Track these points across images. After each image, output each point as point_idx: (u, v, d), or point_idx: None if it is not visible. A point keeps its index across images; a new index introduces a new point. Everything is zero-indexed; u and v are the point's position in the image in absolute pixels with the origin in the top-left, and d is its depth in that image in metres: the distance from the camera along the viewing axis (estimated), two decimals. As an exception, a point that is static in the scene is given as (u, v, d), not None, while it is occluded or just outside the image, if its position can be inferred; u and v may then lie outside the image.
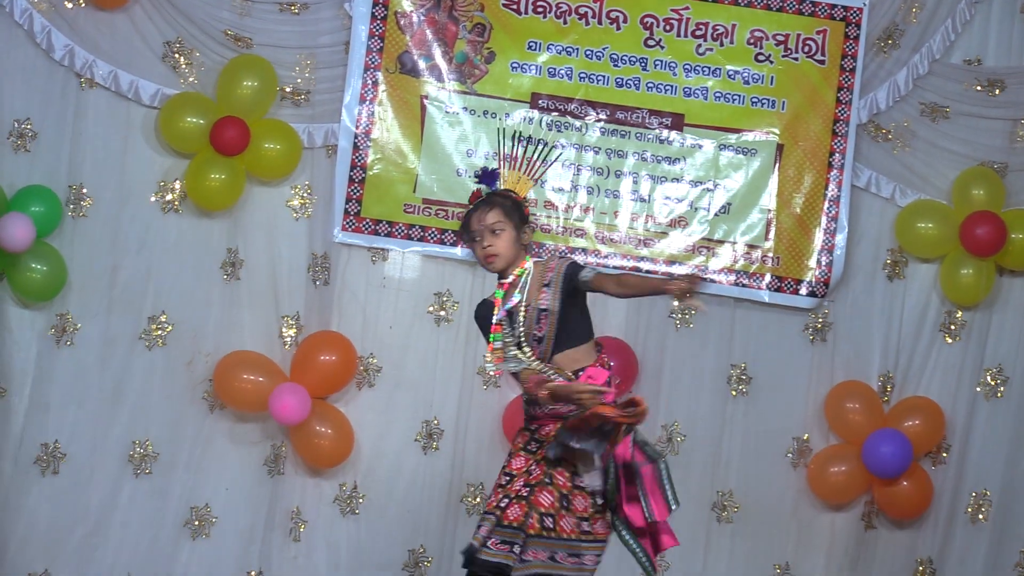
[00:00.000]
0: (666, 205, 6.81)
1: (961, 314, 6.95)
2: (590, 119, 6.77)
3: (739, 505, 6.86)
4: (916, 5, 6.90)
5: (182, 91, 6.57)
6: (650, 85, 6.78)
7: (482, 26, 6.72)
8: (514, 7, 6.73)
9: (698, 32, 6.79)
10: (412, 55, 6.70)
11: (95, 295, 6.59)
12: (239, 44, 6.63)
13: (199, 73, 6.61)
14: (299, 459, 6.66)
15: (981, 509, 6.88)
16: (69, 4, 6.51)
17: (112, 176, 6.60)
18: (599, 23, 6.76)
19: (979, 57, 6.99)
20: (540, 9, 6.74)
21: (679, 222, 6.81)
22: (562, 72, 6.75)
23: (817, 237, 6.83)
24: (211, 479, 6.67)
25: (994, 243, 6.71)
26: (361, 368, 6.70)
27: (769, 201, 6.83)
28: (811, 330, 6.91)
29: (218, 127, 6.44)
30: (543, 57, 6.74)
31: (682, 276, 4.27)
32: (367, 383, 6.73)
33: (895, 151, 6.93)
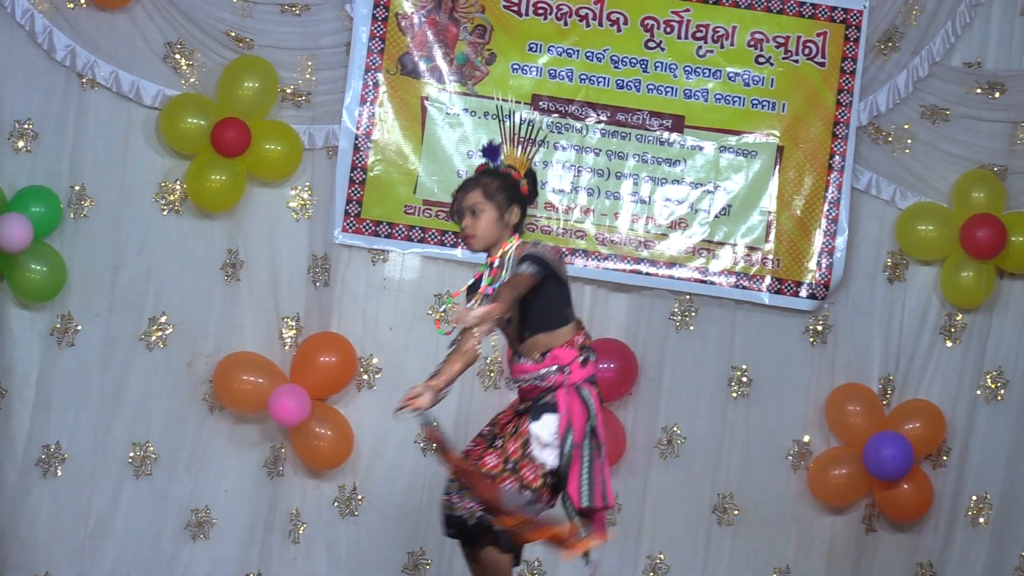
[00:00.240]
0: (666, 207, 6.81)
1: (961, 317, 6.94)
2: (590, 121, 6.77)
3: (739, 507, 6.85)
4: (916, 8, 6.90)
5: (183, 92, 6.58)
6: (650, 87, 6.79)
7: (483, 27, 6.73)
8: (515, 9, 6.74)
9: (699, 34, 6.80)
10: (413, 56, 6.71)
11: (96, 296, 6.59)
12: (240, 45, 6.63)
13: (200, 74, 6.62)
14: (299, 460, 6.65)
15: (981, 512, 6.86)
16: (70, 4, 6.52)
17: (113, 177, 6.61)
18: (600, 25, 6.77)
19: (979, 59, 6.99)
20: (541, 11, 6.75)
21: (679, 224, 6.81)
22: (563, 74, 6.76)
23: (817, 239, 6.83)
24: (211, 481, 6.67)
25: (994, 246, 6.71)
26: (361, 369, 6.70)
27: (769, 203, 6.83)
28: (811, 332, 6.90)
29: (219, 128, 6.45)
30: (544, 59, 6.75)
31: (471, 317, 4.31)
32: (367, 384, 6.73)
33: (895, 153, 6.93)
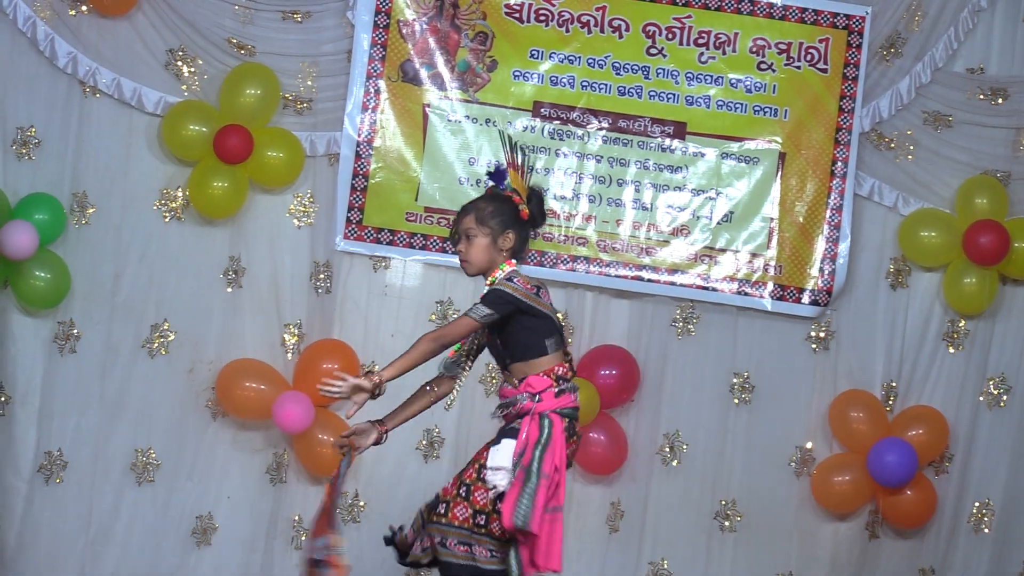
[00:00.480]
0: (668, 213, 6.80)
1: (964, 323, 6.93)
2: (592, 127, 6.76)
3: (742, 514, 6.85)
4: (919, 13, 6.89)
5: (185, 99, 6.58)
6: (652, 93, 6.78)
7: (484, 34, 6.73)
8: (516, 15, 6.74)
9: (700, 40, 6.79)
10: (414, 63, 6.70)
11: (98, 303, 6.59)
12: (242, 52, 6.64)
13: (202, 81, 6.62)
14: (301, 467, 6.65)
15: (984, 518, 6.85)
16: (72, 12, 6.52)
17: (115, 184, 6.61)
18: (601, 31, 6.76)
19: (982, 65, 6.98)
20: (542, 17, 6.75)
21: (681, 231, 6.80)
22: (564, 80, 6.75)
23: (819, 246, 6.82)
24: (213, 487, 6.68)
25: (997, 252, 6.70)
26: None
27: (771, 210, 6.82)
28: (814, 339, 6.90)
29: (221, 135, 6.45)
30: (545, 65, 6.75)
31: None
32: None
33: (898, 160, 6.92)
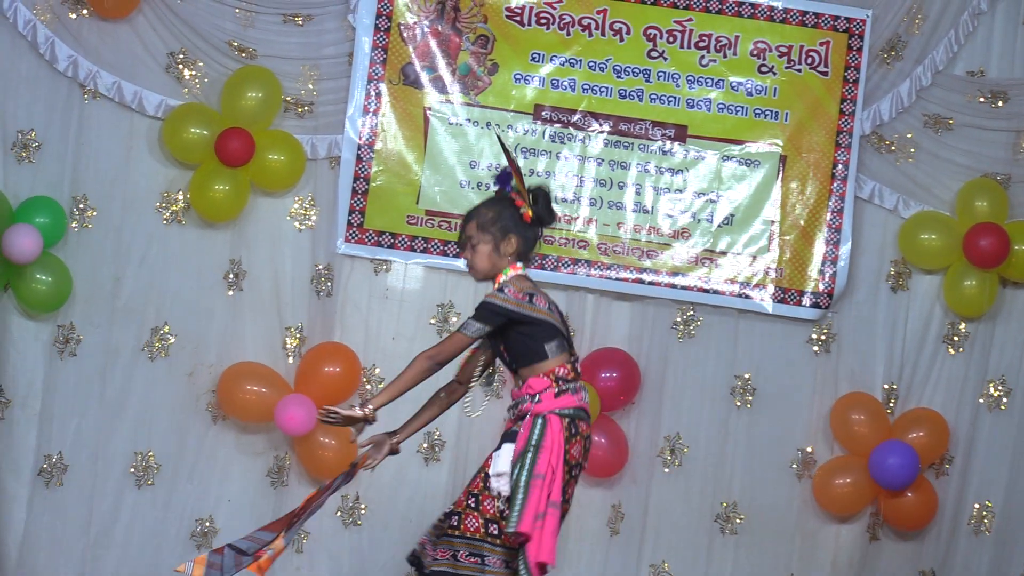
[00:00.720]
0: (669, 216, 6.80)
1: (964, 326, 6.94)
2: (593, 130, 6.77)
3: (743, 516, 6.85)
4: (919, 16, 6.90)
5: (186, 102, 6.57)
6: (653, 96, 6.78)
7: (485, 38, 6.73)
8: (517, 19, 6.74)
9: (701, 43, 6.79)
10: (415, 67, 6.70)
11: (98, 306, 6.59)
12: (243, 55, 6.63)
13: (203, 84, 6.62)
14: (303, 470, 6.65)
15: (984, 521, 6.86)
16: (73, 15, 6.51)
17: (116, 187, 6.60)
18: (602, 35, 6.76)
19: (982, 68, 6.98)
20: (543, 21, 6.75)
21: (682, 233, 6.80)
22: (565, 83, 6.75)
23: (820, 248, 6.82)
24: (214, 490, 6.67)
25: (997, 255, 6.71)
26: (364, 379, 6.70)
27: (772, 212, 6.83)
28: (815, 341, 6.90)
29: (222, 138, 6.44)
30: (546, 68, 6.74)
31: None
32: (370, 395, 6.71)
33: (898, 162, 6.92)
